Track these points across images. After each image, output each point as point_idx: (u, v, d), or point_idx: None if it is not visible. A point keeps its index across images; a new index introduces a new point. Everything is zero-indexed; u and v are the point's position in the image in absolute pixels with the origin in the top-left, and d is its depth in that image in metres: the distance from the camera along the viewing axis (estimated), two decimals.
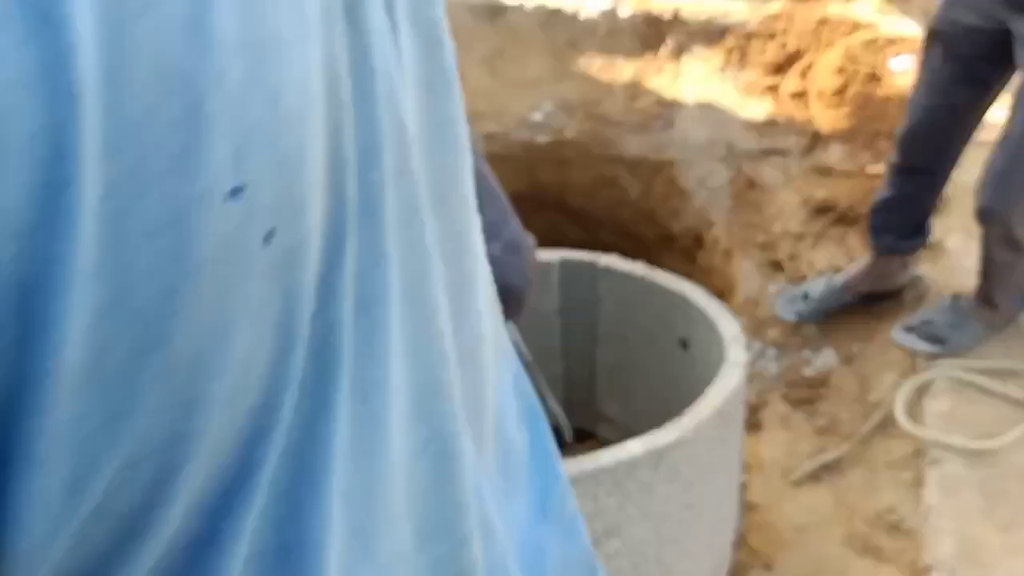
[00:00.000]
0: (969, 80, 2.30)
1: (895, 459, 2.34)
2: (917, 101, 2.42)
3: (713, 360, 2.10)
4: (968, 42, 2.24)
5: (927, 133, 2.41)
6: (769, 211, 3.15)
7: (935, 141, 2.41)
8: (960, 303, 2.45)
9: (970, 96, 2.33)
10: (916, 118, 2.43)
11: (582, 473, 1.54)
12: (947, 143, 2.41)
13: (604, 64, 3.72)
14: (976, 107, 2.36)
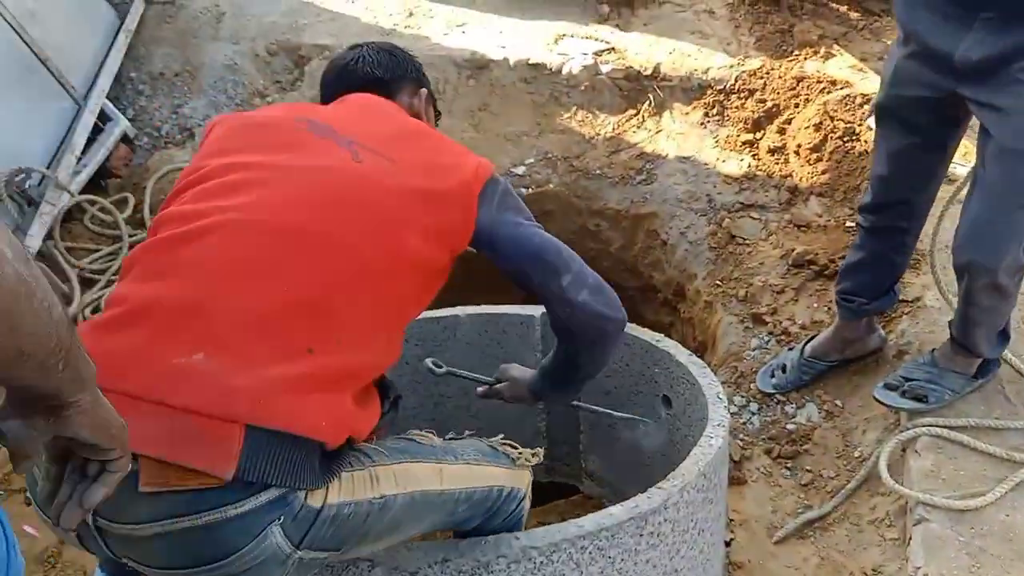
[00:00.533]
0: (929, 147, 2.31)
1: (880, 516, 2.31)
2: (879, 173, 2.43)
3: (696, 418, 2.09)
4: (921, 112, 2.24)
5: (892, 198, 2.43)
6: (749, 264, 3.16)
7: (903, 202, 2.43)
8: (937, 357, 2.45)
9: (931, 160, 2.35)
10: (878, 187, 2.44)
11: (564, 539, 1.51)
12: (915, 201, 2.43)
13: (586, 118, 3.76)
14: (938, 167, 2.38)
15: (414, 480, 1.40)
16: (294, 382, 1.24)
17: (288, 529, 1.24)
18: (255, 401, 1.21)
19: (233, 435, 1.19)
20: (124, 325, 1.27)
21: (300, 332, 1.28)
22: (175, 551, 1.22)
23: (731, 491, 2.45)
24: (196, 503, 1.19)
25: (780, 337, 2.92)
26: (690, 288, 3.32)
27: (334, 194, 1.38)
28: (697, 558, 1.74)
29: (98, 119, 3.23)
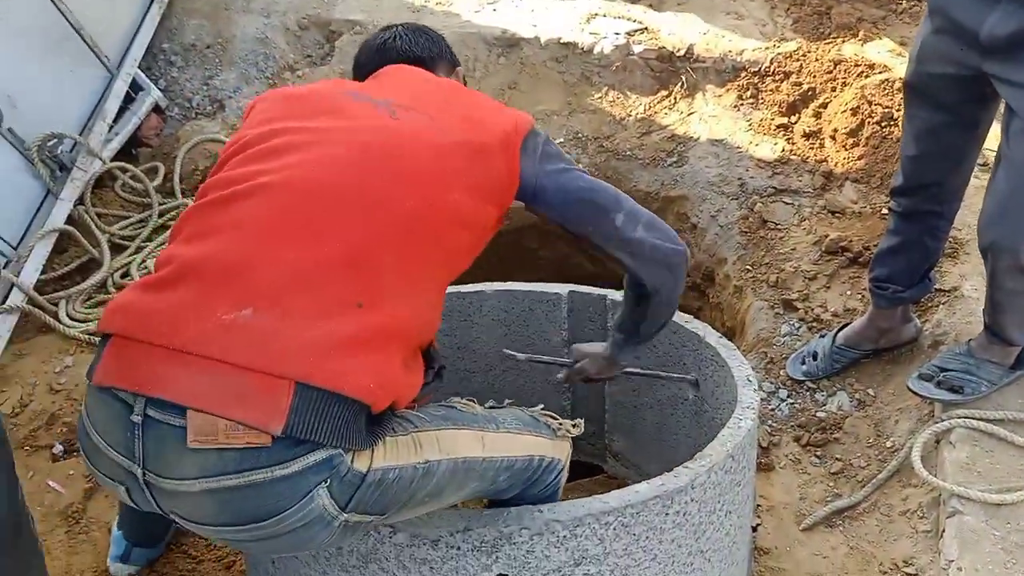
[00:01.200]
0: (958, 126, 2.26)
1: (912, 508, 2.26)
2: (908, 153, 2.38)
3: (724, 401, 2.05)
4: (948, 90, 2.20)
5: (924, 180, 2.37)
6: (781, 250, 3.10)
7: (936, 183, 2.37)
8: (973, 347, 2.39)
9: (962, 139, 2.29)
10: (910, 168, 2.39)
11: (588, 514, 1.47)
12: (948, 183, 2.37)
13: (617, 99, 3.70)
14: (969, 147, 2.32)
15: (457, 447, 1.40)
16: (344, 341, 1.24)
17: (335, 491, 1.24)
18: (305, 359, 1.20)
19: (282, 392, 1.18)
20: (172, 284, 1.28)
21: (348, 287, 1.28)
22: (222, 508, 1.22)
23: (759, 477, 2.40)
24: (243, 461, 1.19)
25: (812, 324, 2.86)
26: (720, 273, 3.27)
27: (375, 152, 1.38)
28: (723, 540, 1.70)
29: (130, 89, 3.23)
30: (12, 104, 2.72)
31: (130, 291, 1.33)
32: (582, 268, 3.60)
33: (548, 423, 1.61)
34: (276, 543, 1.27)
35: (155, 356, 1.22)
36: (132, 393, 1.23)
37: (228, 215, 1.32)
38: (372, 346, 1.26)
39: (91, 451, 1.32)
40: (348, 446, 1.23)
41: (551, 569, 1.48)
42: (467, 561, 1.45)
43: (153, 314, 1.25)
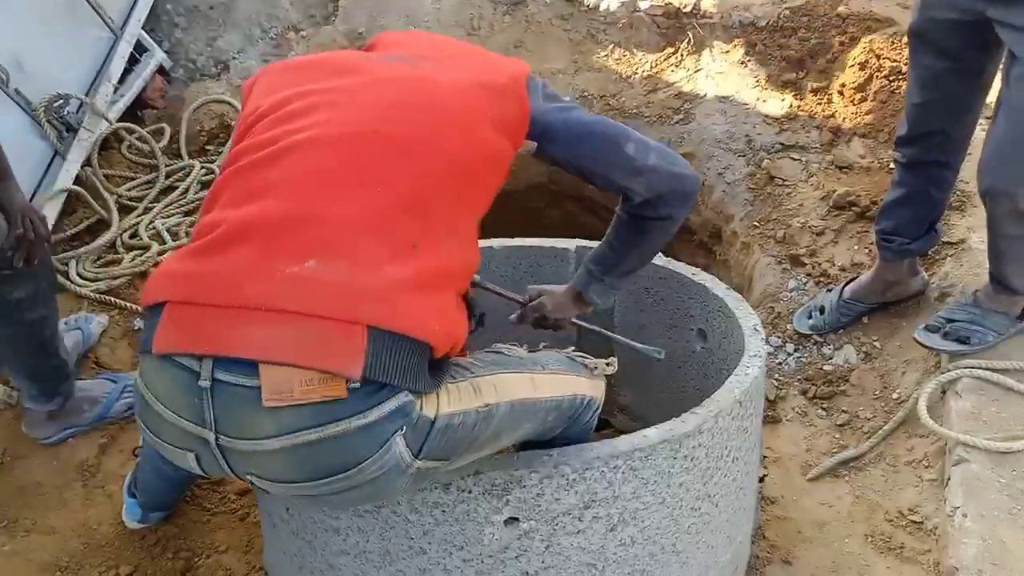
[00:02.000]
0: (963, 73, 2.25)
1: (918, 458, 2.28)
2: (913, 101, 2.37)
3: (732, 351, 2.06)
4: (953, 36, 2.19)
5: (929, 128, 2.36)
6: (789, 206, 3.09)
7: (941, 132, 2.36)
8: (980, 297, 2.39)
9: (966, 86, 2.28)
10: (914, 116, 2.38)
11: (597, 457, 1.49)
12: (953, 132, 2.36)
13: (623, 56, 3.68)
14: (974, 96, 2.31)
15: (511, 390, 1.42)
16: (407, 283, 1.25)
17: (409, 439, 1.26)
18: (375, 303, 1.22)
19: (357, 336, 1.19)
20: (227, 246, 1.27)
21: (404, 231, 1.29)
22: (301, 464, 1.23)
23: (765, 430, 2.42)
24: (321, 415, 1.20)
25: (819, 279, 2.87)
26: (727, 230, 3.26)
27: (404, 99, 1.39)
28: (730, 485, 1.72)
29: (134, 51, 3.22)
30: (18, 65, 2.72)
31: (175, 260, 1.32)
32: (588, 227, 3.60)
33: (584, 363, 1.64)
34: (353, 494, 1.29)
35: (220, 316, 1.22)
36: (198, 357, 1.22)
37: (272, 173, 1.32)
38: (432, 288, 1.28)
39: (154, 421, 1.32)
40: (419, 388, 1.25)
41: (561, 512, 1.50)
42: (478, 504, 1.47)
43: (210, 276, 1.25)
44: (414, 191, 1.32)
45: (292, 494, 1.31)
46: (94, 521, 2.11)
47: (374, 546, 1.54)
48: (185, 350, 1.23)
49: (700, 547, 1.69)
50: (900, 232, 2.52)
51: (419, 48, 1.55)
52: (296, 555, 1.70)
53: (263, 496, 1.77)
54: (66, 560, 2.01)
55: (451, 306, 1.33)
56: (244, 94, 1.54)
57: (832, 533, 2.13)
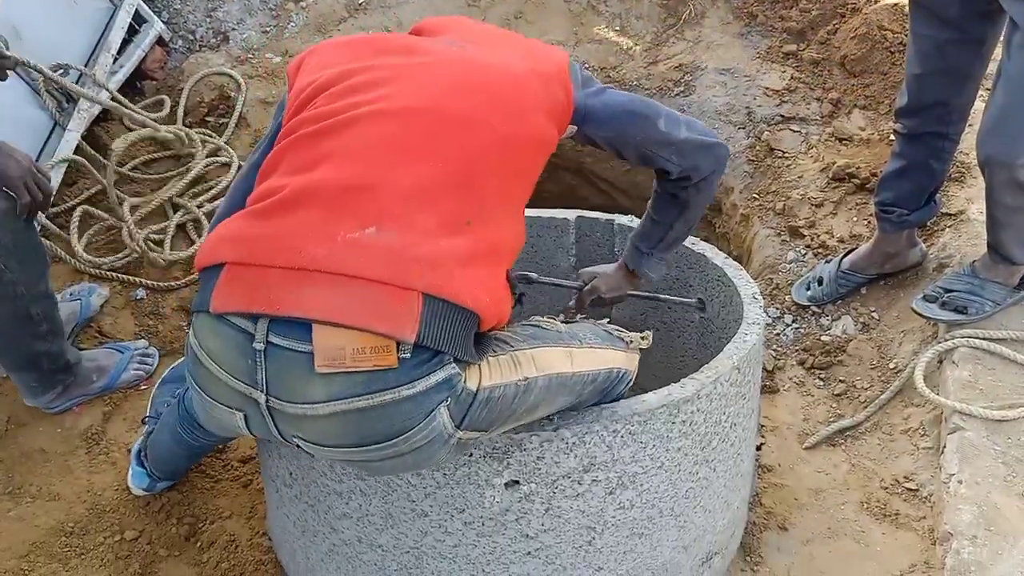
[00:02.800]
0: (962, 43, 2.24)
1: (914, 426, 2.30)
2: (913, 71, 2.37)
3: (730, 320, 2.07)
4: (954, 4, 2.18)
5: (929, 99, 2.36)
6: (788, 178, 3.10)
7: (941, 103, 2.36)
8: (977, 267, 2.40)
9: (967, 56, 2.28)
10: (915, 87, 2.38)
11: (597, 421, 1.51)
12: (953, 103, 2.36)
13: (623, 28, 3.66)
14: (974, 66, 2.30)
15: (549, 363, 1.45)
16: (462, 256, 1.29)
17: (452, 410, 1.29)
18: (431, 271, 1.25)
19: (413, 302, 1.23)
20: (288, 209, 1.29)
21: (460, 206, 1.33)
22: (348, 430, 1.27)
23: (763, 399, 2.44)
24: (371, 383, 1.23)
25: (817, 250, 2.87)
26: (726, 202, 3.27)
27: (461, 80, 1.43)
28: (728, 451, 1.74)
29: (133, 21, 3.20)
30: (17, 35, 2.70)
31: (233, 222, 1.34)
32: (588, 200, 3.61)
33: (621, 336, 1.67)
34: (398, 462, 1.32)
35: (279, 278, 1.24)
36: (253, 318, 1.25)
37: (334, 142, 1.35)
38: (484, 262, 1.32)
39: (205, 380, 1.34)
40: (465, 358, 1.28)
41: (560, 475, 1.52)
42: (479, 467, 1.49)
43: (271, 239, 1.27)
44: (468, 168, 1.35)
45: (337, 458, 1.35)
46: (99, 487, 2.13)
47: (376, 509, 1.57)
48: (242, 310, 1.25)
49: (697, 511, 1.72)
50: (899, 203, 2.53)
51: (467, 34, 1.61)
52: (299, 519, 1.72)
53: (268, 461, 1.79)
54: (71, 525, 2.04)
55: (501, 282, 1.38)
56: (290, 72, 1.56)
57: (828, 500, 2.15)
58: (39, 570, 1.94)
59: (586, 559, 1.62)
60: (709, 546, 1.80)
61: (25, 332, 2.05)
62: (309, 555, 1.75)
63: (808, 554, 2.01)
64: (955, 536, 1.92)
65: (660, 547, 1.68)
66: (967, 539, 1.91)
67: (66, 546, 2.00)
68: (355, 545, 1.64)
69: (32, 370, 2.14)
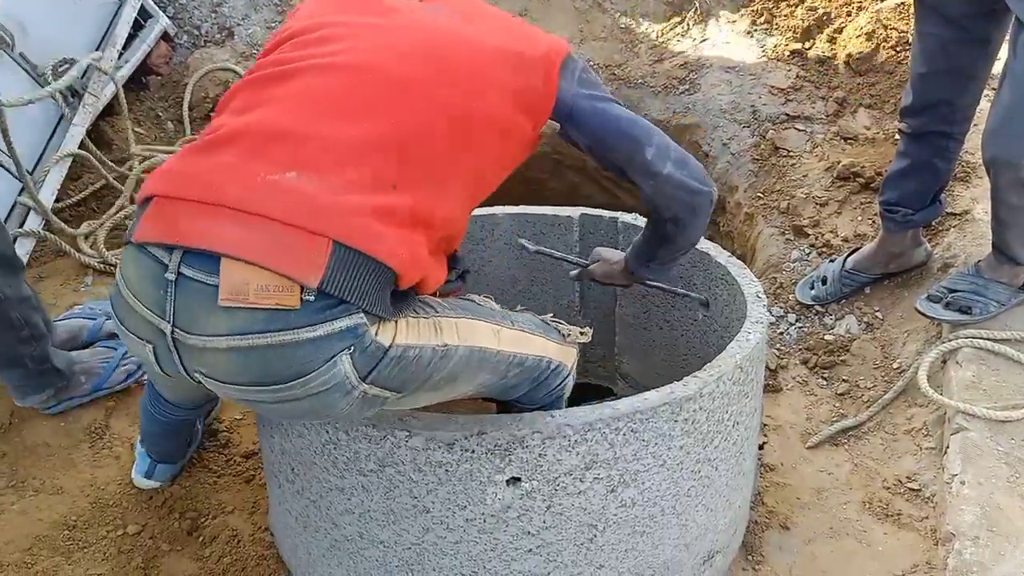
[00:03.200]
0: (967, 42, 2.24)
1: (917, 427, 2.30)
2: (918, 71, 2.37)
3: (734, 319, 2.07)
4: (959, 3, 2.18)
5: (933, 98, 2.36)
6: (793, 177, 3.09)
7: (946, 102, 2.36)
8: (982, 267, 2.39)
9: (972, 55, 2.27)
10: (919, 86, 2.37)
11: (599, 419, 1.51)
12: (958, 102, 2.36)
13: (629, 26, 3.66)
14: (979, 65, 2.30)
15: (474, 336, 1.46)
16: (379, 211, 1.29)
17: (357, 361, 1.28)
18: (344, 220, 1.25)
19: (321, 248, 1.23)
20: (218, 147, 1.32)
21: (386, 167, 1.32)
22: (246, 367, 1.27)
23: (766, 398, 2.44)
24: (271, 321, 1.23)
25: (821, 249, 2.87)
26: (731, 201, 3.27)
27: (421, 46, 1.41)
28: (731, 449, 1.74)
29: (138, 16, 3.21)
30: (23, 30, 2.71)
31: (174, 158, 1.37)
32: (591, 198, 3.61)
33: (559, 328, 1.66)
34: (297, 406, 1.32)
35: (196, 211, 1.26)
36: (168, 248, 1.27)
37: (280, 89, 1.37)
38: (404, 224, 1.32)
39: (123, 310, 1.37)
40: (374, 311, 1.28)
41: (562, 472, 1.52)
42: (481, 464, 1.49)
43: (197, 175, 1.30)
44: (403, 133, 1.34)
45: (237, 396, 1.35)
46: (102, 482, 2.13)
47: (378, 505, 1.57)
48: (159, 240, 1.27)
49: (699, 510, 1.71)
50: (904, 203, 2.52)
51: (463, 6, 1.56)
52: (301, 515, 1.73)
53: (270, 457, 1.79)
54: (74, 519, 2.04)
55: (421, 246, 1.35)
56: (288, 17, 1.59)
57: (830, 500, 2.15)
58: (42, 563, 1.94)
59: (587, 557, 1.62)
60: (711, 545, 1.80)
61: (7, 336, 2.06)
62: (311, 550, 1.75)
63: (810, 553, 2.01)
64: (957, 536, 1.92)
65: (662, 545, 1.68)
66: (969, 539, 1.90)
67: (69, 539, 2.00)
68: (357, 541, 1.64)
69: (17, 368, 2.13)
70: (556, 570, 1.61)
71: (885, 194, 2.57)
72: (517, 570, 1.59)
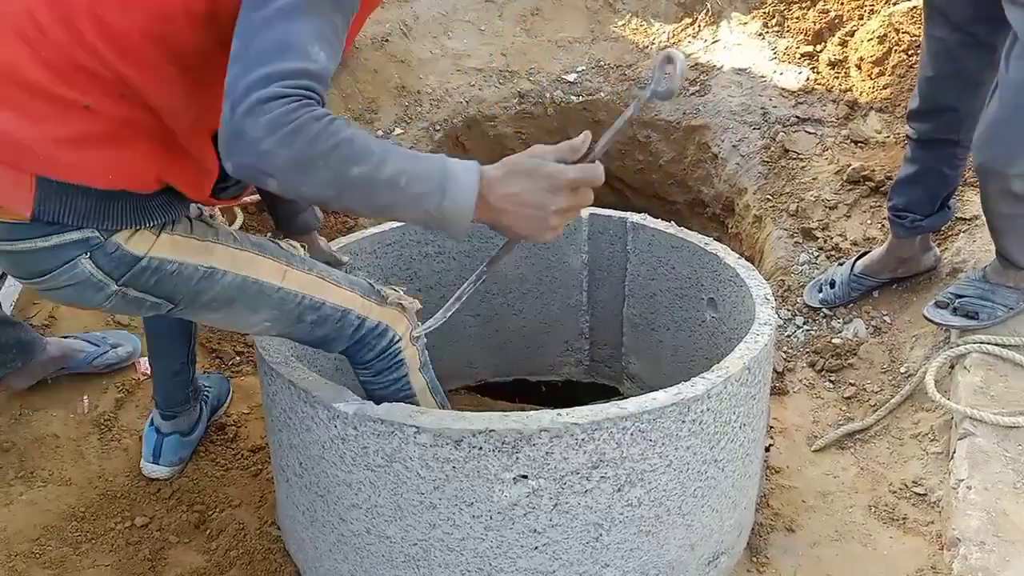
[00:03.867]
0: (974, 46, 2.24)
1: (923, 431, 2.29)
2: (925, 74, 2.37)
3: (742, 320, 2.07)
4: (965, 7, 2.19)
5: (940, 103, 2.36)
6: (802, 179, 3.09)
7: (952, 108, 2.36)
8: (988, 272, 2.39)
9: (977, 61, 2.27)
10: (926, 89, 2.38)
11: (606, 418, 1.51)
12: (964, 109, 2.35)
13: (640, 26, 3.67)
14: (985, 71, 2.29)
15: (252, 268, 1.51)
16: (76, 138, 1.31)
17: (101, 264, 1.39)
18: (40, 156, 1.31)
19: (26, 184, 1.32)
20: None
21: (76, 89, 1.30)
22: (10, 266, 1.45)
23: (772, 401, 2.44)
24: (12, 232, 1.36)
25: (830, 253, 2.87)
26: (739, 203, 3.27)
27: None
28: (737, 451, 1.74)
29: None
30: None
31: None
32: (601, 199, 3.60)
33: (380, 290, 1.68)
34: (61, 294, 1.44)
35: None
36: None
37: None
38: (107, 141, 1.33)
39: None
40: (103, 226, 1.37)
41: (569, 471, 1.53)
42: (488, 461, 1.50)
43: None
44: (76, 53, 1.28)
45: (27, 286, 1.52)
46: (110, 473, 2.15)
47: (385, 500, 1.58)
48: None
49: (705, 511, 1.72)
50: (912, 209, 2.52)
51: None
52: (308, 509, 1.73)
53: (278, 451, 1.80)
54: (83, 510, 2.05)
55: (138, 155, 1.34)
56: None
57: (836, 503, 2.15)
58: (50, 554, 1.96)
59: (593, 556, 1.62)
60: (716, 546, 1.80)
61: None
62: (317, 545, 1.76)
63: (815, 556, 2.01)
64: (963, 542, 1.92)
65: (667, 545, 1.69)
66: (975, 545, 1.90)
67: (77, 531, 2.01)
68: (363, 536, 1.65)
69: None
70: (561, 568, 1.62)
71: (893, 200, 2.57)
72: (523, 567, 1.60)
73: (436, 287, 2.42)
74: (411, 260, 2.39)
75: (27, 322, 2.35)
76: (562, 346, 2.60)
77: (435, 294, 2.39)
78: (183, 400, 2.13)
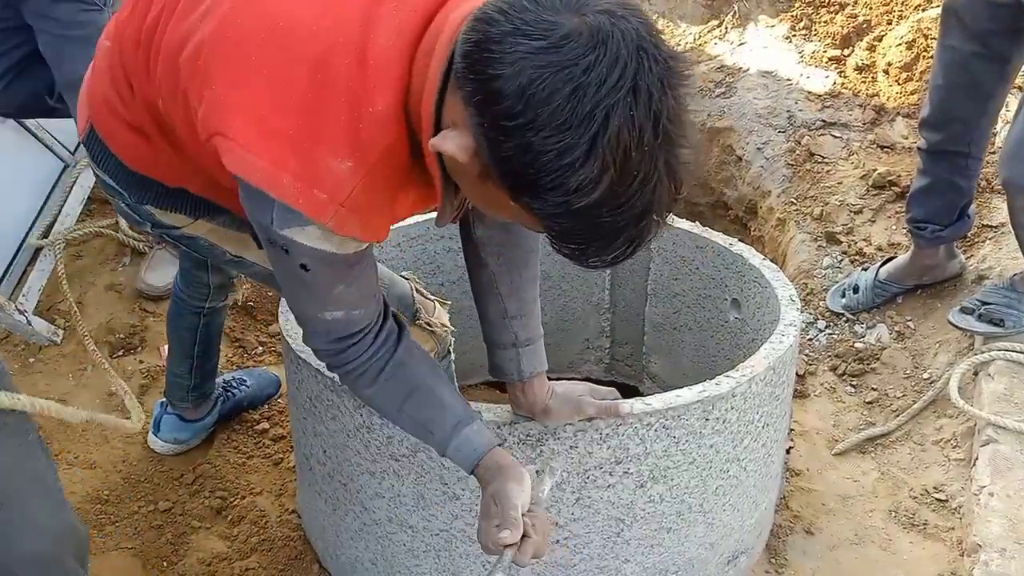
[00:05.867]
0: (987, 57, 2.23)
1: (946, 437, 2.28)
2: (936, 82, 2.36)
3: (765, 322, 2.07)
4: (985, 18, 2.17)
5: (950, 114, 2.35)
6: (827, 184, 3.08)
7: (960, 120, 2.35)
8: (1016, 281, 2.38)
9: (989, 73, 2.26)
10: (938, 98, 2.37)
11: (630, 414, 1.52)
12: (973, 121, 2.34)
13: (666, 28, 3.66)
14: (997, 84, 2.28)
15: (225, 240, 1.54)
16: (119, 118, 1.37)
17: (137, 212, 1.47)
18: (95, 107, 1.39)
19: (84, 115, 1.41)
20: None
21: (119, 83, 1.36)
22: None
23: (794, 404, 2.43)
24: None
25: (854, 257, 2.86)
26: (763, 206, 3.26)
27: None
28: (760, 451, 1.74)
29: None
30: None
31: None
32: None
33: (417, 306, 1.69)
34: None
35: None
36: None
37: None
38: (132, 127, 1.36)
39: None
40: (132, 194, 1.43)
41: (593, 465, 1.53)
42: (512, 453, 1.49)
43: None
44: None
45: None
46: (134, 458, 2.17)
47: (409, 490, 1.59)
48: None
49: (726, 509, 1.72)
50: (931, 220, 2.51)
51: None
52: (331, 497, 1.75)
53: (302, 439, 1.81)
54: (107, 493, 2.08)
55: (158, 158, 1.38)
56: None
57: (856, 507, 2.14)
58: None
59: (614, 550, 1.63)
60: (736, 545, 1.80)
61: None
62: (339, 533, 1.78)
63: (834, 559, 2.01)
64: (984, 548, 1.91)
65: (687, 543, 1.69)
66: (996, 551, 1.89)
67: (101, 513, 2.04)
68: (386, 525, 1.66)
69: None
70: (582, 562, 1.62)
71: (911, 211, 2.56)
72: (544, 560, 1.60)
73: (459, 281, 2.43)
74: (435, 255, 2.40)
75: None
76: (583, 344, 2.60)
77: (458, 288, 2.40)
78: (180, 398, 2.16)
